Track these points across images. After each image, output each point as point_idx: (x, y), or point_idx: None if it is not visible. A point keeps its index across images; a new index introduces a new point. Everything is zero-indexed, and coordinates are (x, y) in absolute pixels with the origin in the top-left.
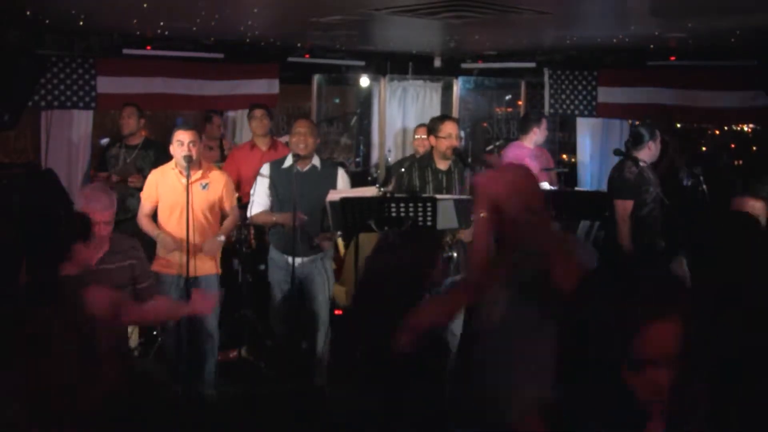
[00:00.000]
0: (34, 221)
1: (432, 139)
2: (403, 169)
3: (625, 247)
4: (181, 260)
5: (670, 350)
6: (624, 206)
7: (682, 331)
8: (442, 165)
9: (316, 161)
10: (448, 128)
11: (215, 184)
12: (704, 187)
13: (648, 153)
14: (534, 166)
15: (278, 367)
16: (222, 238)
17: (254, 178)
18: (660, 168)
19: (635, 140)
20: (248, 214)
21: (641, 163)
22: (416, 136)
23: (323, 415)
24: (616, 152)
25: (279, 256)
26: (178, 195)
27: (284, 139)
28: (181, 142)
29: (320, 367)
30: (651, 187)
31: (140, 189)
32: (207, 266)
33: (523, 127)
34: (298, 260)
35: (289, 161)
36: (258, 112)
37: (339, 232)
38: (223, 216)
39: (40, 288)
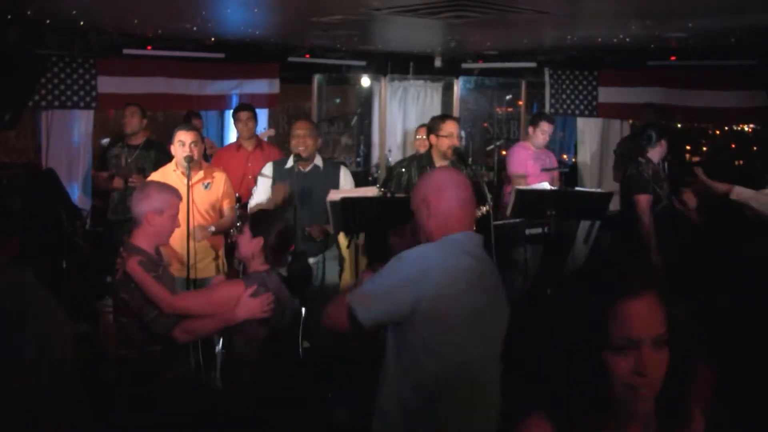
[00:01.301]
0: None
1: (432, 138)
2: (403, 169)
3: (649, 242)
4: (181, 262)
5: (649, 331)
6: (646, 200)
7: (661, 311)
8: (442, 164)
9: (318, 161)
10: (450, 127)
11: (216, 184)
12: None
13: (659, 151)
14: (534, 167)
15: (278, 366)
16: (213, 228)
17: (241, 178)
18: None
19: (648, 141)
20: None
21: (652, 162)
22: (417, 137)
23: (324, 414)
24: (617, 152)
25: None
26: (181, 195)
27: (266, 134)
28: (183, 142)
29: (325, 367)
30: (665, 183)
31: None
32: (209, 268)
33: (528, 127)
34: None
35: (291, 162)
36: (243, 115)
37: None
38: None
39: None
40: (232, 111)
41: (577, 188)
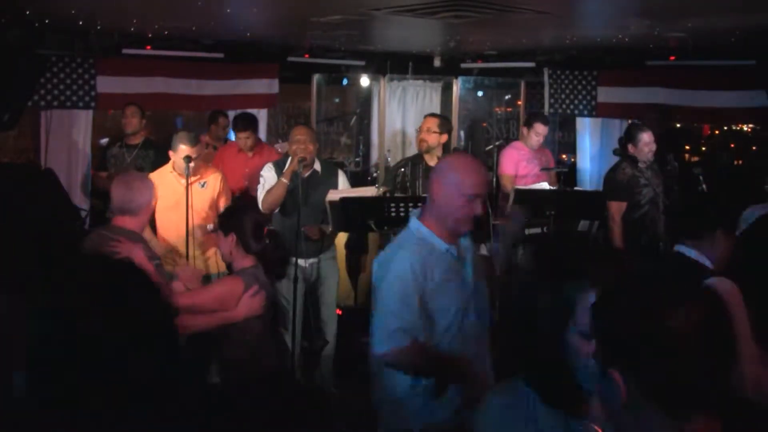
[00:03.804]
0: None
1: None
2: (402, 169)
3: (618, 249)
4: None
5: None
6: (617, 207)
7: None
8: (433, 162)
9: (316, 165)
10: (425, 123)
11: (212, 183)
12: (704, 186)
13: (634, 150)
14: (527, 167)
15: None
16: (211, 227)
17: (241, 179)
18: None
19: (623, 139)
20: (260, 205)
21: (640, 164)
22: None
23: (324, 415)
24: (616, 152)
25: None
26: (178, 196)
27: (280, 146)
28: (189, 157)
29: (325, 366)
30: (645, 189)
31: None
32: (202, 266)
33: (522, 128)
34: (303, 261)
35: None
36: (242, 135)
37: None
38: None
39: None
40: (231, 122)
41: (577, 188)
